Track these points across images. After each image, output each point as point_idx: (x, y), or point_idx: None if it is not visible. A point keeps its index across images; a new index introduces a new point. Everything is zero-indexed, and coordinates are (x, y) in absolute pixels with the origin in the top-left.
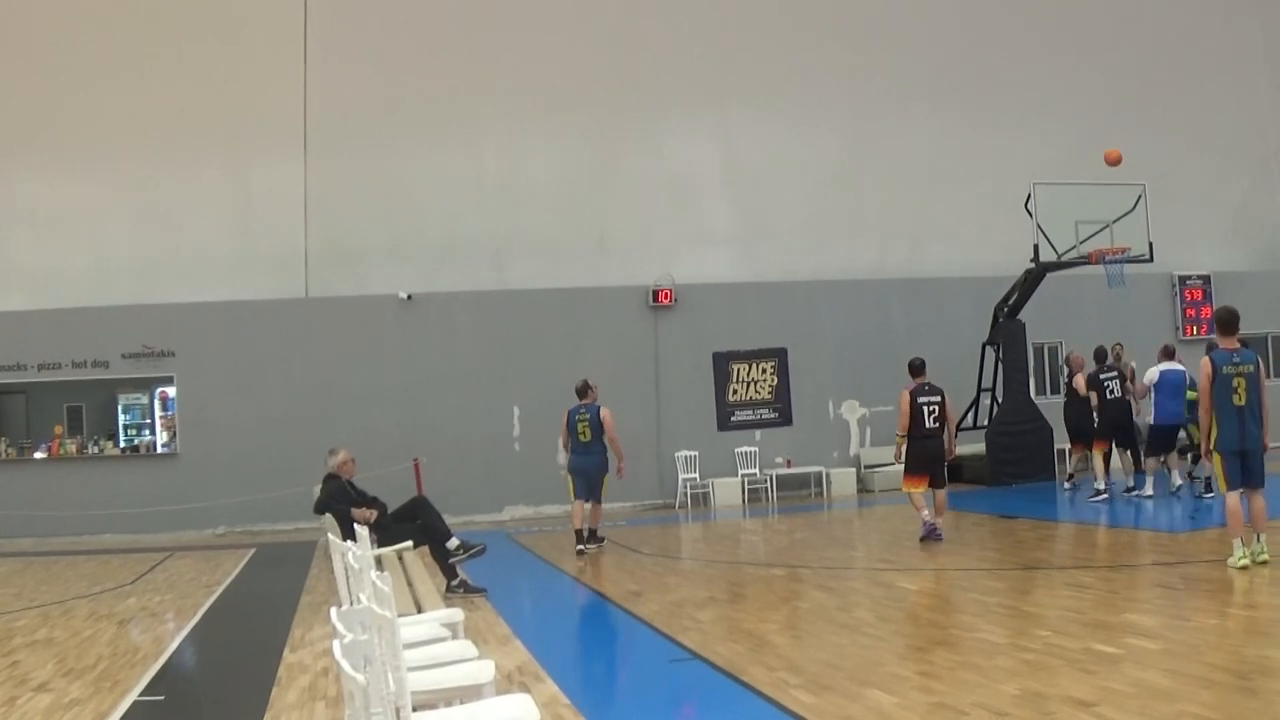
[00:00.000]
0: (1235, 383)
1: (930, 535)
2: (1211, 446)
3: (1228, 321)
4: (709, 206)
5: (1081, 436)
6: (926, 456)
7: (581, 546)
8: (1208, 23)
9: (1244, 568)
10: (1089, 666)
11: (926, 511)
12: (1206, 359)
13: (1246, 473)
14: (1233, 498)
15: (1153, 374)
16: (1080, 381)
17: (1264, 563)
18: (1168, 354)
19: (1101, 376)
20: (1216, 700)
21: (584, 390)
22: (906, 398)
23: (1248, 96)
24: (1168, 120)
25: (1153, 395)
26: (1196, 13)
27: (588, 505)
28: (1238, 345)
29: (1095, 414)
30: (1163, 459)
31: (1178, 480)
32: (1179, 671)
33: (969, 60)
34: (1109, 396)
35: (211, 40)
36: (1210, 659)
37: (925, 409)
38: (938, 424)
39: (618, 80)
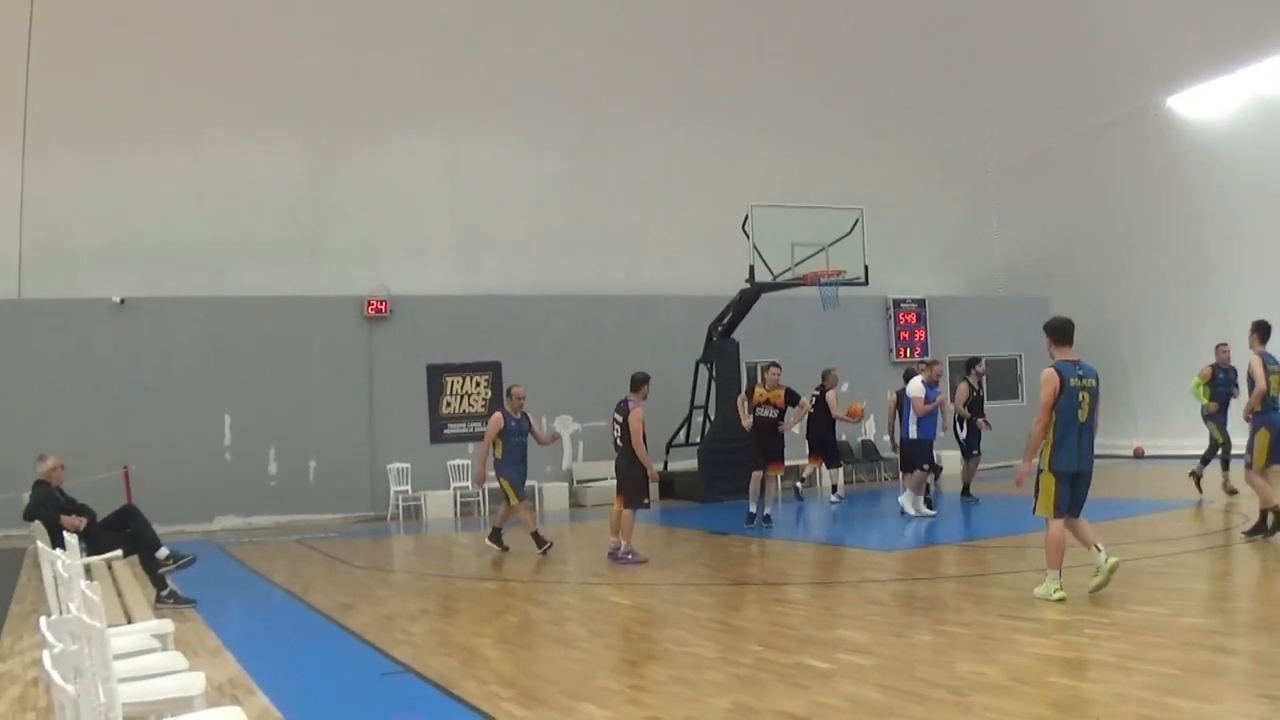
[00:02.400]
0: (1080, 397)
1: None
2: (1045, 466)
3: (1065, 330)
4: (428, 217)
5: (822, 451)
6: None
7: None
8: (928, 52)
9: (1061, 600)
10: (801, 681)
11: (613, 538)
12: (1051, 369)
13: (1074, 498)
14: (1057, 525)
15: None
16: (833, 398)
17: (1114, 566)
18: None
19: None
20: (930, 715)
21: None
22: None
23: (965, 126)
24: (886, 146)
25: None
26: (918, 42)
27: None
28: (1077, 357)
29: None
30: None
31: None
32: (892, 686)
33: (692, 81)
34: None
35: None
36: (923, 674)
37: (611, 426)
38: (621, 442)
39: (339, 87)
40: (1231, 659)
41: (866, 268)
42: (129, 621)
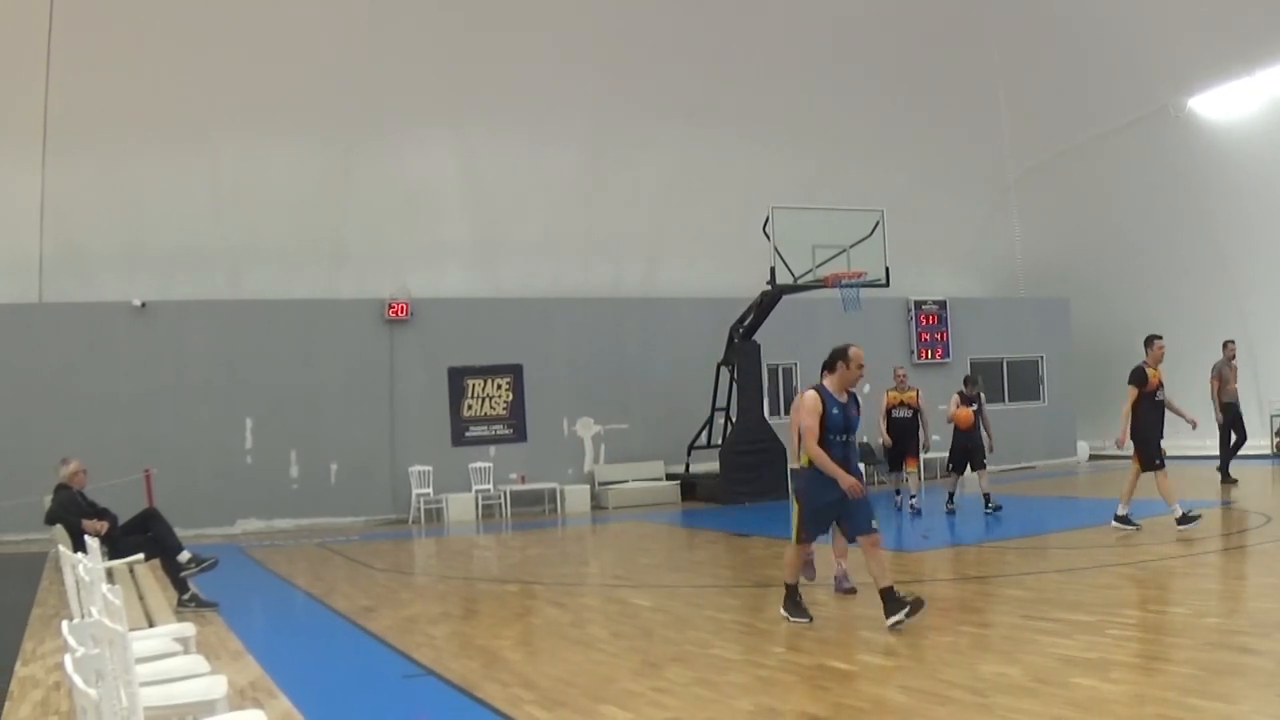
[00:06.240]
0: None
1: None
2: None
3: None
4: (446, 221)
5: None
6: None
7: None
8: (948, 55)
9: None
10: (823, 683)
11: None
12: None
13: None
14: None
15: None
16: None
17: None
18: None
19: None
20: (952, 716)
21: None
22: None
23: (986, 129)
24: (906, 148)
25: None
26: (938, 45)
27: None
28: None
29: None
30: None
31: None
32: (914, 688)
33: (709, 82)
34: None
35: None
36: (945, 675)
37: None
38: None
39: (357, 92)
40: (1254, 659)
41: (888, 269)
42: (151, 625)
